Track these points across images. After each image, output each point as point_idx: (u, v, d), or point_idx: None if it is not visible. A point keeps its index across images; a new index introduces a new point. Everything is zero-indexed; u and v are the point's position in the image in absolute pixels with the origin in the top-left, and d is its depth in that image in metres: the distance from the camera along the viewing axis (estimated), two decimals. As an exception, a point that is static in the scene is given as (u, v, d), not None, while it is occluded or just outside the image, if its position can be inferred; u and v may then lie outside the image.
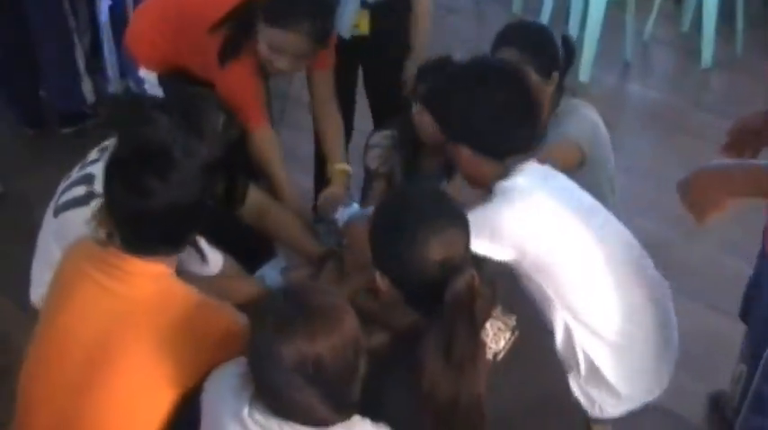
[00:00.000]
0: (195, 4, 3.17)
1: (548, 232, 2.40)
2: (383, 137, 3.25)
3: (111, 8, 4.70)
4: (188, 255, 2.35)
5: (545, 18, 5.60)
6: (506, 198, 2.41)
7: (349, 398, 1.96)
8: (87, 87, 4.79)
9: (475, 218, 2.24)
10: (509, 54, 2.89)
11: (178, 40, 3.16)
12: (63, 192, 2.70)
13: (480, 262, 2.28)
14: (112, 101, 3.05)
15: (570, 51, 3.02)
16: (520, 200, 2.41)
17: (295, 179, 3.29)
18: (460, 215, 2.14)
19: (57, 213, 2.68)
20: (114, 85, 4.90)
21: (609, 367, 2.47)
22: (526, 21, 4.72)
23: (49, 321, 2.24)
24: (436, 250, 2.04)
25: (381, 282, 2.15)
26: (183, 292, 2.18)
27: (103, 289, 2.15)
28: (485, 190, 2.50)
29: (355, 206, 2.92)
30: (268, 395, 1.96)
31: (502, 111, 2.41)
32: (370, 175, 3.24)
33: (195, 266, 2.46)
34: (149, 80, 3.26)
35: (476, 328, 2.02)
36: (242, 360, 2.03)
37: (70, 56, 4.67)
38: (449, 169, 2.90)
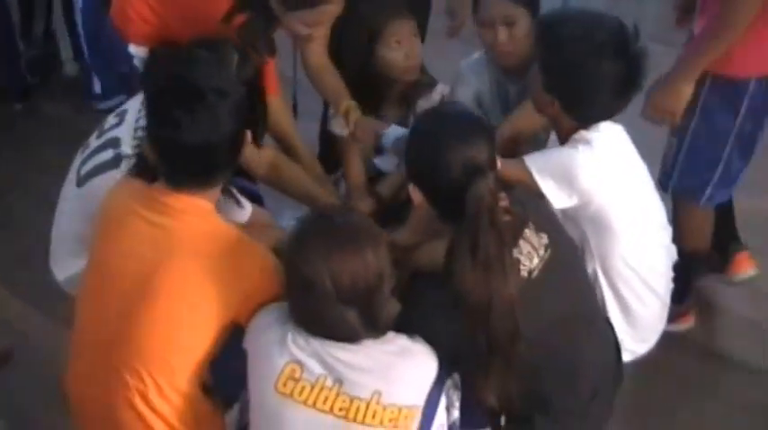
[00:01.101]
0: None
1: (618, 186, 2.51)
2: None
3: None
4: (224, 202, 2.43)
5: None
6: (589, 146, 2.49)
7: (380, 314, 2.09)
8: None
9: (549, 158, 2.47)
10: (503, 6, 2.94)
11: (170, 13, 3.07)
12: (84, 161, 2.70)
13: (511, 185, 2.38)
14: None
15: None
16: (601, 150, 2.49)
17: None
18: (485, 127, 2.28)
19: (81, 183, 2.67)
20: (68, 68, 4.90)
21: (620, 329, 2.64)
22: None
23: (100, 253, 2.34)
24: (459, 152, 2.16)
25: (414, 193, 2.28)
26: (225, 227, 2.28)
27: (150, 223, 2.24)
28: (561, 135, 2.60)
29: (395, 127, 2.92)
30: (305, 317, 2.10)
31: (609, 84, 2.46)
32: (341, 142, 3.23)
33: (230, 213, 2.52)
34: (139, 56, 3.17)
35: (499, 230, 2.11)
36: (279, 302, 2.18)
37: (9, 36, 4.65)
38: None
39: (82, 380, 2.35)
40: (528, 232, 2.26)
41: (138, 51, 3.16)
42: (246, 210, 2.67)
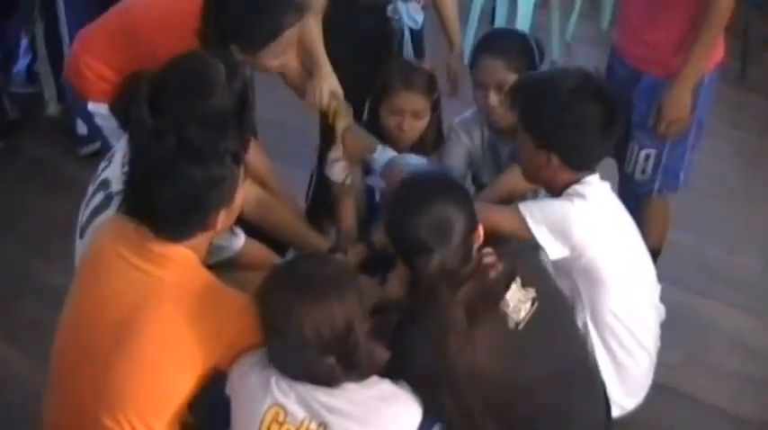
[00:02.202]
0: (145, 28, 3.07)
1: (611, 240, 2.53)
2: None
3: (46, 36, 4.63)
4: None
5: (473, 21, 5.67)
6: (584, 200, 2.51)
7: (358, 359, 2.10)
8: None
9: (544, 206, 2.50)
10: (493, 62, 2.99)
11: (130, 68, 2.96)
12: (83, 212, 2.68)
13: (503, 240, 2.41)
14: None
15: (541, 53, 3.10)
16: (595, 204, 2.52)
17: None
18: (462, 196, 2.30)
19: (82, 234, 2.65)
20: (51, 108, 4.85)
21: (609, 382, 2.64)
22: (504, 28, 4.95)
23: (82, 293, 2.32)
24: (424, 223, 2.18)
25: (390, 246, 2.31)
26: (208, 277, 2.28)
27: (134, 267, 2.23)
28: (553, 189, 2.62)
29: (384, 150, 2.92)
30: (284, 363, 2.13)
31: (597, 125, 2.49)
32: (336, 190, 3.18)
33: (221, 238, 2.54)
34: (99, 112, 3.17)
35: (445, 307, 2.13)
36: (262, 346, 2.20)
37: None
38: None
39: (59, 422, 2.33)
40: (515, 286, 2.27)
41: (97, 108, 3.16)
42: (239, 238, 2.66)
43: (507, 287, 2.26)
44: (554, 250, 2.48)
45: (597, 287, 2.54)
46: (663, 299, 2.78)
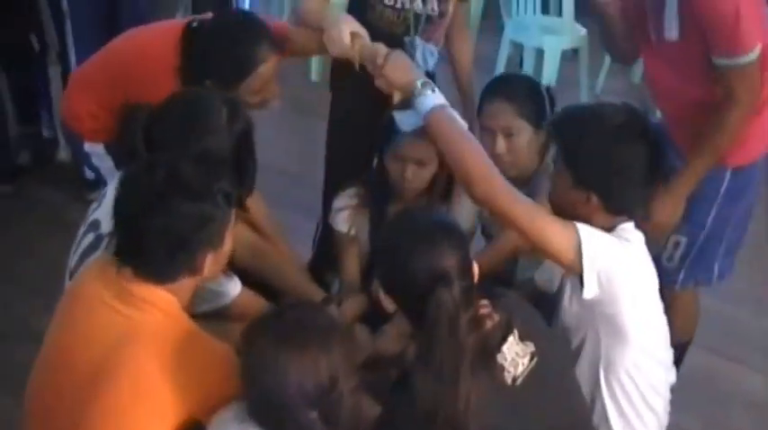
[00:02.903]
0: (135, 66, 3.03)
1: (641, 292, 2.42)
2: (349, 196, 3.11)
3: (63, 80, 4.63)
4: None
5: (499, 72, 5.60)
6: (629, 244, 2.41)
7: (341, 414, 2.03)
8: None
9: (601, 238, 2.34)
10: (501, 107, 2.89)
11: (117, 103, 3.00)
12: (73, 253, 2.63)
13: (498, 292, 2.30)
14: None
15: (552, 101, 3.00)
16: (637, 251, 2.42)
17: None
18: (454, 233, 2.21)
19: (72, 276, 2.59)
20: (63, 153, 4.87)
21: None
22: (513, 73, 4.85)
23: (59, 334, 2.27)
24: (422, 260, 2.11)
25: (385, 299, 2.23)
26: (189, 324, 2.22)
27: (114, 310, 2.17)
28: None
29: (409, 114, 2.71)
30: (263, 417, 2.05)
31: (640, 167, 2.39)
32: (341, 240, 3.10)
33: (219, 285, 2.52)
34: (96, 152, 3.18)
35: (458, 343, 2.06)
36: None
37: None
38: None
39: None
40: (512, 339, 2.17)
41: (93, 148, 3.16)
42: (236, 284, 2.60)
43: (504, 339, 2.16)
44: (592, 288, 2.32)
45: (618, 339, 2.41)
46: (685, 361, 2.64)
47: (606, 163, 2.36)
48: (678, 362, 2.82)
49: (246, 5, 6.44)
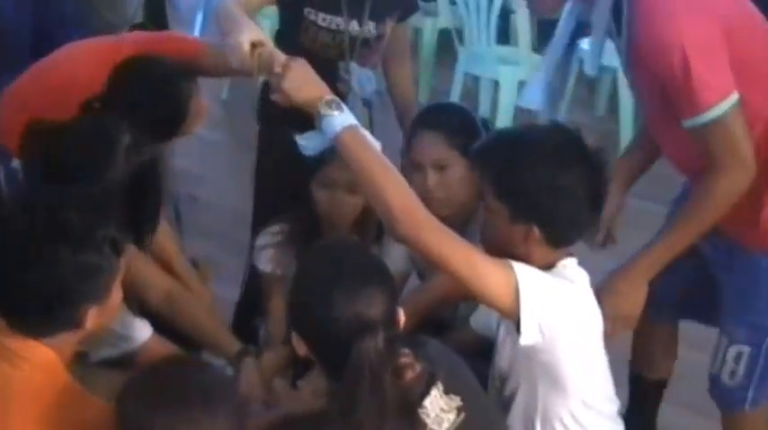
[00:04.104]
0: (60, 77, 2.97)
1: (582, 337, 2.20)
2: (272, 234, 2.93)
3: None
4: (124, 311, 2.31)
5: (453, 103, 5.51)
6: (572, 285, 2.19)
7: None
8: None
9: (540, 279, 2.11)
10: (432, 138, 2.71)
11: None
12: None
13: (420, 340, 2.12)
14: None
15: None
16: (582, 292, 2.21)
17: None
18: (383, 276, 2.03)
19: None
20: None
21: None
22: (445, 102, 4.65)
23: None
24: (346, 305, 1.93)
25: (298, 344, 2.03)
26: (68, 383, 2.04)
27: None
28: None
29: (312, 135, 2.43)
30: None
31: (589, 192, 2.18)
32: (266, 281, 2.92)
33: (126, 329, 2.40)
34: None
35: (382, 398, 1.91)
36: None
37: None
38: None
39: None
40: (436, 393, 2.02)
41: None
42: (145, 330, 2.47)
43: (427, 393, 2.00)
44: (530, 334, 2.10)
45: (556, 388, 2.20)
46: (675, 423, 2.42)
47: (546, 189, 2.14)
48: None
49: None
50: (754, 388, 2.64)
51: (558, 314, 2.12)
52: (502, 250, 2.19)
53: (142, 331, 2.47)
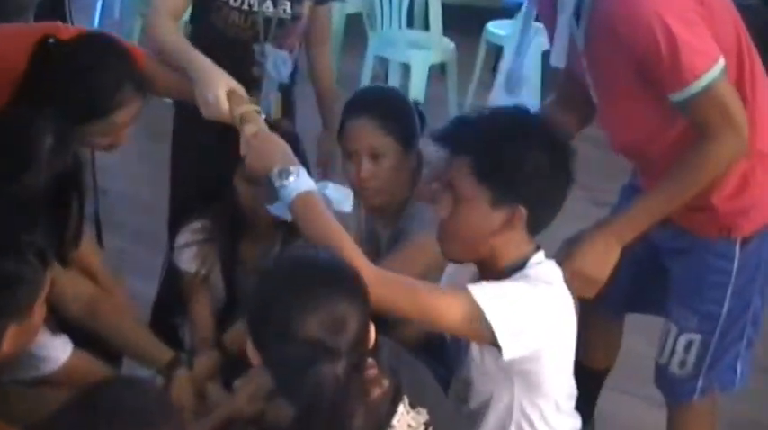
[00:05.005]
0: None
1: (563, 341, 2.13)
2: (192, 231, 2.81)
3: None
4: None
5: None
6: (549, 286, 2.10)
7: None
8: None
9: (506, 294, 2.02)
10: (364, 123, 2.59)
11: None
12: None
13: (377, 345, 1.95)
14: None
15: (422, 119, 2.70)
16: (559, 293, 2.12)
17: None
18: (352, 291, 1.87)
19: None
20: None
21: None
22: (378, 86, 4.61)
23: None
24: (306, 329, 1.78)
25: (252, 354, 1.89)
26: None
27: None
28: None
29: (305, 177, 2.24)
30: None
31: (564, 174, 2.11)
32: (188, 281, 2.79)
33: (42, 349, 2.23)
34: None
35: (343, 424, 1.78)
36: None
37: None
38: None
39: None
40: (402, 408, 1.89)
41: None
42: (65, 349, 2.31)
43: (394, 411, 1.87)
44: (513, 349, 2.01)
45: (532, 393, 2.14)
46: (624, 413, 2.38)
47: (535, 168, 2.07)
48: None
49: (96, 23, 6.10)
50: (704, 376, 2.62)
51: (534, 322, 2.05)
52: (471, 244, 2.12)
53: (62, 349, 2.31)
